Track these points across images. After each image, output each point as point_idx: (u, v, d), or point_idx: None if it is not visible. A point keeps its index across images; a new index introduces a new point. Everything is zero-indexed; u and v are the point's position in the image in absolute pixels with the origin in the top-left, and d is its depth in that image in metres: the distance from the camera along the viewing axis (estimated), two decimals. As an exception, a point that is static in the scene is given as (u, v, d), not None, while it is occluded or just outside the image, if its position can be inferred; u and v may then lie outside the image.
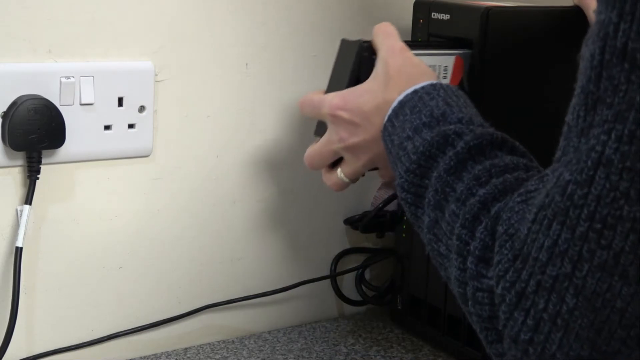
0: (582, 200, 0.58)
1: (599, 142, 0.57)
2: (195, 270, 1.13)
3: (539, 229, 0.61)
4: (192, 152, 1.10)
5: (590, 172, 0.58)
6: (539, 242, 0.61)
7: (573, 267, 0.59)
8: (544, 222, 0.60)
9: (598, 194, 0.57)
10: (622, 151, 0.56)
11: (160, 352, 1.11)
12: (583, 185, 0.58)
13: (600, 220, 0.58)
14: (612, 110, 0.57)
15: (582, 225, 0.58)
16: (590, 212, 0.58)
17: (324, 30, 1.16)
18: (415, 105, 0.79)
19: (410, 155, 0.76)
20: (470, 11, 1.01)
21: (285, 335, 1.18)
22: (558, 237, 0.59)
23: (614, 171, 0.57)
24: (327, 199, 1.21)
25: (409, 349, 1.15)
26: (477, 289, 0.66)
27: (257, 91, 1.12)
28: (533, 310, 0.61)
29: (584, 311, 0.60)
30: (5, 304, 0.99)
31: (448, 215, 0.70)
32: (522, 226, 0.63)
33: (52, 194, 1.02)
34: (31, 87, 0.97)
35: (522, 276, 0.62)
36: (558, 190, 0.60)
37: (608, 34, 0.57)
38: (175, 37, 1.06)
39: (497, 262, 0.64)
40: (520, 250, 0.62)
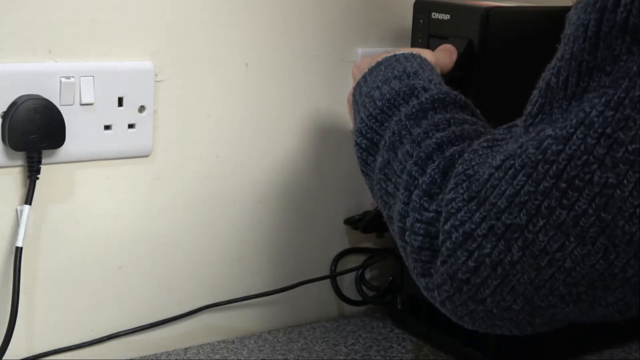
0: (553, 157, 0.58)
1: (590, 104, 0.58)
2: (196, 270, 1.13)
3: (502, 176, 0.61)
4: (192, 152, 1.10)
5: (571, 130, 0.58)
6: (500, 188, 0.61)
7: (528, 220, 0.59)
8: (510, 170, 0.60)
9: (571, 154, 0.57)
10: (605, 116, 0.56)
11: (160, 352, 1.11)
12: (560, 141, 0.58)
13: (566, 180, 0.57)
14: (611, 76, 0.57)
15: (547, 181, 0.58)
16: (558, 169, 0.58)
17: (324, 30, 1.16)
18: (391, 64, 0.82)
19: (375, 101, 0.77)
20: (470, 11, 1.01)
21: (285, 335, 1.18)
22: (521, 188, 0.59)
23: (592, 134, 0.57)
24: (327, 199, 1.21)
25: (409, 349, 1.15)
26: (417, 219, 0.67)
27: (257, 91, 1.12)
28: (477, 252, 0.61)
29: (526, 267, 0.60)
30: (5, 304, 0.99)
31: (401, 155, 0.72)
32: (483, 169, 0.63)
33: (52, 194, 1.02)
34: (31, 87, 0.97)
35: (474, 218, 0.62)
36: (534, 143, 0.60)
37: (606, 6, 0.58)
38: (175, 37, 1.06)
39: (450, 199, 0.64)
40: (477, 193, 0.62)
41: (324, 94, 1.18)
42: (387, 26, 1.20)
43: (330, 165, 1.20)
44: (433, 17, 1.05)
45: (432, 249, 0.66)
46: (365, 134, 0.77)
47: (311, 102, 1.17)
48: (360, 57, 0.91)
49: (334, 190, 1.21)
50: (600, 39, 0.58)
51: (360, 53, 1.18)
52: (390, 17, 1.20)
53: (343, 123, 1.20)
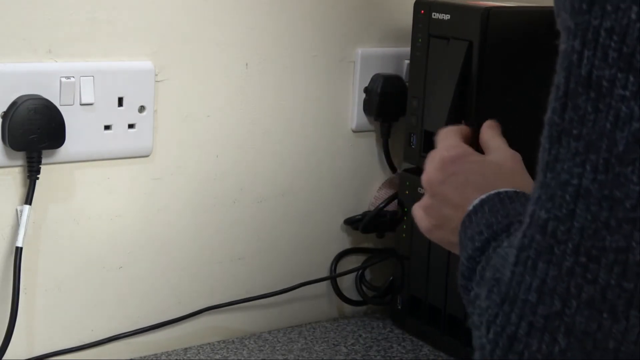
0: (565, 236, 0.57)
1: (573, 175, 0.57)
2: (196, 270, 1.13)
3: (523, 271, 0.60)
4: (192, 152, 1.10)
5: (571, 206, 0.57)
6: (526, 283, 0.60)
7: (562, 304, 0.58)
8: (528, 262, 0.60)
9: (581, 227, 0.57)
10: (599, 180, 0.56)
11: (160, 352, 1.11)
12: (565, 220, 0.57)
13: (585, 254, 0.57)
14: (582, 141, 0.56)
15: (568, 260, 0.57)
16: (575, 246, 0.57)
17: (324, 30, 1.16)
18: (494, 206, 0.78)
19: (475, 242, 0.75)
20: (470, 11, 1.01)
21: (286, 335, 1.18)
22: (546, 276, 0.59)
23: (593, 202, 0.56)
24: (327, 200, 1.21)
25: (409, 349, 1.15)
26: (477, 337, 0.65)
27: (257, 91, 1.12)
28: (527, 352, 0.60)
29: (577, 352, 0.59)
30: (5, 304, 0.99)
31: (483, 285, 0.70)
32: (505, 269, 0.62)
33: (52, 194, 1.02)
34: (31, 87, 0.97)
35: (511, 319, 0.61)
36: (536, 230, 0.59)
37: (572, 62, 0.56)
38: (175, 37, 1.06)
39: (486, 307, 0.64)
40: (506, 294, 0.61)
41: (324, 94, 1.18)
42: (387, 26, 1.20)
43: (330, 165, 1.20)
44: (433, 17, 1.05)
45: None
46: (466, 276, 0.74)
47: (311, 102, 1.17)
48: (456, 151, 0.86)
49: (334, 190, 1.21)
50: (569, 98, 0.57)
51: (360, 53, 1.18)
52: (390, 17, 1.20)
53: (343, 123, 1.20)
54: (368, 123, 1.21)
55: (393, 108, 1.19)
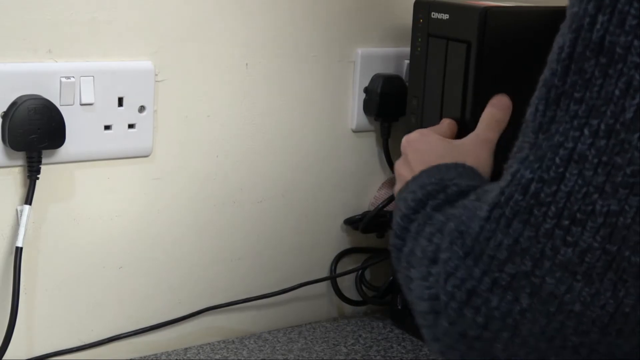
0: (549, 198, 0.57)
1: (568, 138, 0.56)
2: (196, 270, 1.13)
3: (495, 227, 0.59)
4: (192, 152, 1.10)
5: (560, 170, 0.57)
6: (496, 239, 0.59)
7: (533, 265, 0.58)
8: (501, 220, 0.59)
9: (569, 191, 0.56)
10: (597, 146, 0.55)
11: (160, 352, 1.11)
12: (551, 183, 0.57)
13: (569, 217, 0.56)
14: (584, 105, 0.56)
15: (548, 222, 0.57)
16: (558, 209, 0.57)
17: (324, 31, 1.16)
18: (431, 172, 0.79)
19: (408, 201, 0.75)
20: (469, 11, 1.01)
21: (286, 335, 1.18)
22: (520, 235, 0.58)
23: (588, 167, 0.56)
24: (327, 200, 1.21)
25: (409, 349, 1.15)
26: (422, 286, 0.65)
27: (257, 91, 1.12)
28: (484, 307, 0.60)
29: (537, 314, 0.58)
30: (5, 304, 0.99)
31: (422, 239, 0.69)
32: (474, 223, 0.61)
33: (52, 194, 1.02)
34: (31, 87, 0.97)
35: (474, 274, 0.60)
36: (517, 189, 0.58)
37: (582, 26, 0.56)
38: (175, 37, 1.06)
39: (446, 258, 0.63)
40: (471, 248, 0.61)
41: (324, 94, 1.18)
42: (387, 26, 1.20)
43: (330, 165, 1.20)
44: (433, 17, 1.06)
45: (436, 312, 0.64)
46: (399, 234, 0.74)
47: (311, 102, 1.17)
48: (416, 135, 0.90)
49: (334, 190, 1.21)
50: (573, 61, 0.56)
51: (360, 53, 1.18)
52: (390, 17, 1.20)
53: (343, 123, 1.20)
54: (368, 123, 1.21)
55: (393, 108, 1.19)
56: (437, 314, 0.63)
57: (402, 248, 0.73)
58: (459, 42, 1.02)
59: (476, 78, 1.01)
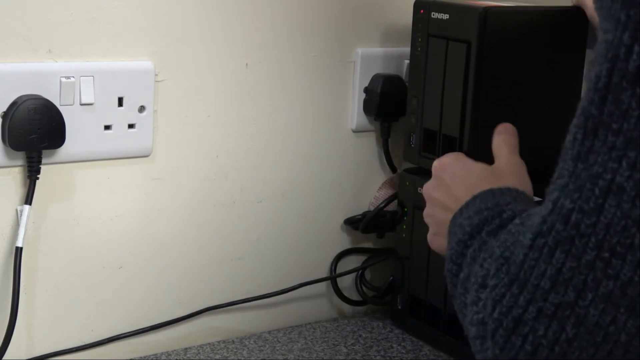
0: (589, 229, 0.57)
1: (607, 169, 0.56)
2: (196, 270, 1.13)
3: (538, 257, 0.60)
4: (192, 152, 1.10)
5: (599, 201, 0.56)
6: (540, 269, 0.59)
7: (577, 295, 0.58)
8: (544, 249, 0.59)
9: (608, 222, 0.56)
10: (635, 179, 0.55)
11: (160, 352, 1.11)
12: (591, 214, 0.57)
13: (609, 249, 0.56)
14: (621, 136, 0.55)
15: (589, 254, 0.57)
16: (598, 240, 0.56)
17: (324, 30, 1.16)
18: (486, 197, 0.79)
19: (464, 227, 0.75)
20: (469, 11, 1.01)
21: (286, 335, 1.18)
22: (562, 265, 0.58)
23: (626, 199, 0.55)
24: (327, 200, 1.21)
25: (409, 349, 1.15)
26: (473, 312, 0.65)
27: (257, 91, 1.12)
28: (532, 336, 0.60)
29: (584, 343, 0.58)
30: (5, 304, 0.99)
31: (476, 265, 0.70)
32: (518, 250, 0.62)
33: (52, 194, 1.02)
34: (31, 87, 0.97)
35: (519, 302, 0.60)
36: (559, 218, 0.58)
37: (618, 56, 0.55)
38: (175, 37, 1.06)
39: (493, 285, 0.63)
40: (516, 275, 0.61)
41: (324, 94, 1.18)
42: (387, 26, 1.20)
43: (330, 165, 1.20)
44: (433, 17, 1.06)
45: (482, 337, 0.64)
46: (455, 260, 0.74)
47: (311, 102, 1.17)
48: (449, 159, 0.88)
49: (334, 190, 1.21)
50: (610, 91, 0.55)
51: (360, 53, 1.18)
52: (390, 17, 1.20)
53: (343, 123, 1.20)
54: (368, 123, 1.21)
55: (393, 108, 1.19)
56: (484, 338, 0.64)
57: (459, 274, 0.73)
58: (459, 42, 1.02)
59: (476, 78, 1.01)
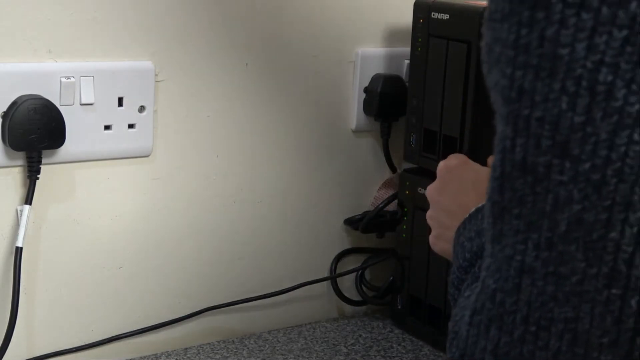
0: (513, 307, 0.59)
1: (517, 251, 0.58)
2: (196, 270, 1.13)
3: (477, 333, 0.62)
4: (192, 152, 1.10)
5: (516, 280, 0.58)
6: (481, 345, 0.61)
7: None
8: (481, 326, 0.61)
9: (527, 300, 0.58)
10: (542, 258, 0.57)
11: (160, 352, 1.11)
12: (511, 293, 0.59)
13: (534, 323, 0.58)
14: (522, 220, 0.57)
15: (518, 329, 0.59)
16: (523, 316, 0.59)
17: (324, 30, 1.16)
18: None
19: (466, 253, 0.77)
20: (469, 11, 1.01)
21: (285, 335, 1.18)
22: (499, 341, 0.60)
23: (537, 277, 0.57)
24: (327, 200, 1.21)
25: (409, 349, 1.15)
26: None
27: (257, 91, 1.12)
28: None
29: None
30: (5, 304, 0.99)
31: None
32: (461, 326, 0.64)
33: (52, 194, 1.02)
34: (31, 87, 0.97)
35: None
36: (487, 297, 0.61)
37: (505, 147, 0.57)
38: (175, 37, 1.06)
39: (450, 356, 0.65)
40: (464, 350, 0.63)
41: (324, 94, 1.18)
42: (387, 26, 1.20)
43: (331, 165, 1.20)
44: (433, 17, 1.06)
45: None
46: (456, 285, 0.76)
47: (311, 102, 1.17)
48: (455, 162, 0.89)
49: (334, 190, 1.21)
50: (504, 179, 0.57)
51: (360, 53, 1.18)
52: (390, 17, 1.20)
53: (343, 123, 1.20)
54: (368, 123, 1.21)
55: (393, 108, 1.19)
56: None
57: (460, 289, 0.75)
58: (459, 42, 1.02)
59: (476, 78, 1.01)
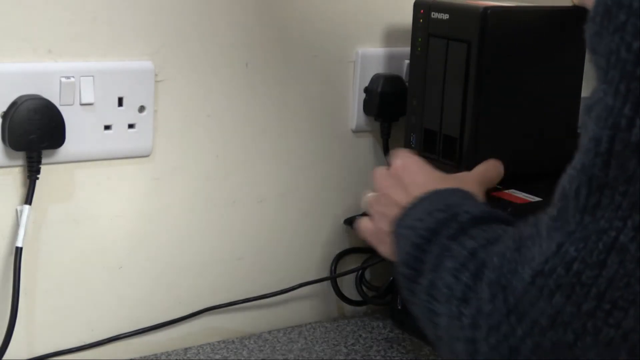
0: (591, 281, 0.57)
1: (612, 227, 0.56)
2: (196, 270, 1.13)
3: (539, 295, 0.60)
4: (192, 152, 1.10)
5: (602, 256, 0.56)
6: (539, 306, 0.59)
7: (575, 338, 0.58)
8: (544, 289, 0.59)
9: (610, 277, 0.56)
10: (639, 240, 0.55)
11: (160, 352, 1.11)
12: (593, 267, 0.57)
13: (610, 301, 0.57)
14: (627, 198, 0.55)
15: (589, 303, 0.57)
16: (599, 292, 0.57)
17: (324, 30, 1.16)
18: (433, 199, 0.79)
19: (418, 231, 0.76)
20: (469, 11, 1.01)
21: (286, 335, 1.18)
22: (562, 309, 0.58)
23: (629, 259, 0.56)
24: (327, 200, 1.21)
25: (409, 349, 1.15)
26: (457, 326, 0.66)
27: (257, 91, 1.12)
28: None
29: None
30: (5, 304, 0.99)
31: (443, 272, 0.70)
32: (517, 282, 0.61)
33: (52, 194, 1.02)
34: (31, 87, 0.97)
35: (517, 333, 0.61)
36: (561, 264, 0.58)
37: (619, 125, 0.55)
38: (175, 37, 1.06)
39: (489, 312, 0.63)
40: (515, 307, 0.61)
41: (324, 94, 1.18)
42: (387, 26, 1.20)
43: (330, 165, 1.20)
44: (433, 17, 1.06)
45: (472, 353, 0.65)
46: (411, 264, 0.75)
47: (311, 102, 1.17)
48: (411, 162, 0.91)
49: (334, 190, 1.21)
50: (613, 156, 0.55)
51: (360, 53, 1.18)
52: (390, 17, 1.20)
53: (343, 123, 1.20)
54: (368, 123, 1.21)
55: (393, 108, 1.19)
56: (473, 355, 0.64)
57: (417, 279, 0.73)
58: (459, 42, 1.02)
59: (476, 78, 1.01)
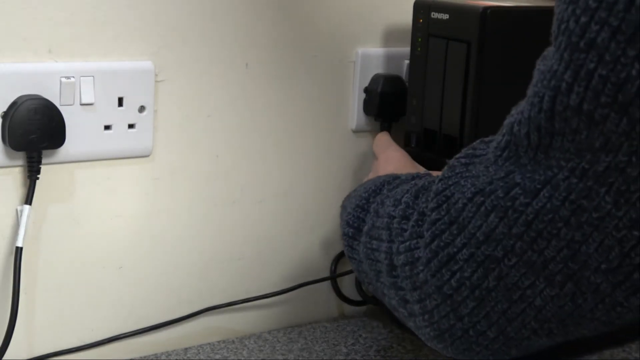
0: (522, 207, 0.60)
1: (557, 165, 0.59)
2: (196, 270, 1.13)
3: (476, 211, 0.63)
4: (192, 152, 1.10)
5: (538, 186, 0.59)
6: (476, 222, 0.63)
7: (504, 255, 0.62)
8: (481, 208, 0.63)
9: (538, 209, 0.59)
10: (570, 182, 0.58)
11: (160, 352, 1.11)
12: (527, 195, 0.60)
13: (535, 230, 0.60)
14: (574, 145, 0.58)
15: (517, 227, 0.60)
16: (527, 220, 0.60)
17: (324, 31, 1.16)
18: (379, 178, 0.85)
19: (361, 194, 0.81)
20: (469, 11, 1.01)
21: (286, 335, 1.18)
22: (495, 227, 0.62)
23: (557, 196, 0.58)
24: (327, 200, 1.21)
25: (409, 349, 1.15)
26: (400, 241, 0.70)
27: (257, 91, 1.12)
28: (459, 274, 0.64)
29: (501, 297, 0.63)
30: (5, 304, 0.99)
31: (382, 211, 0.75)
32: (459, 195, 0.65)
33: (52, 194, 1.02)
34: (31, 87, 0.97)
35: (456, 242, 0.64)
36: (503, 186, 0.62)
37: (560, 88, 0.57)
38: (175, 37, 1.06)
39: (434, 220, 0.66)
40: (456, 219, 0.65)
41: (324, 94, 1.18)
42: (387, 26, 1.20)
43: (330, 165, 1.20)
44: (433, 17, 1.06)
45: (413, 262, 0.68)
46: (352, 223, 0.81)
47: (311, 102, 1.17)
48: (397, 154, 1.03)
49: (334, 190, 1.21)
50: (555, 114, 0.58)
51: (360, 53, 1.18)
52: (390, 17, 1.20)
53: (343, 123, 1.20)
54: (368, 123, 1.21)
55: (393, 108, 1.19)
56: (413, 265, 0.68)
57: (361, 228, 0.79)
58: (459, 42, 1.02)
59: (476, 78, 1.01)
